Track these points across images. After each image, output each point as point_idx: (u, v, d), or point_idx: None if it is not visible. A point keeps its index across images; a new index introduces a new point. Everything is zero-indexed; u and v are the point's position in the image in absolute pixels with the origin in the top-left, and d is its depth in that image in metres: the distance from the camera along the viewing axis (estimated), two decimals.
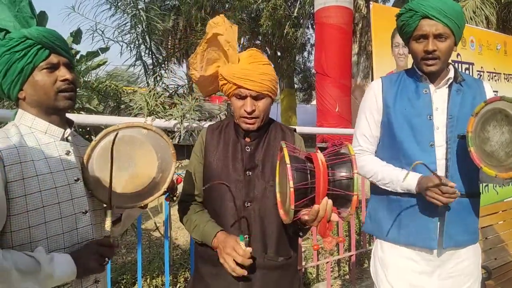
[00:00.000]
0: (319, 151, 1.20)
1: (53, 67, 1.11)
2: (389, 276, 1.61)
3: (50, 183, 1.08)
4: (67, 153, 1.16)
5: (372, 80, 5.01)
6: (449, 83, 1.56)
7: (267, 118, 1.44)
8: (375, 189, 1.67)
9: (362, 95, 1.75)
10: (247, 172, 1.39)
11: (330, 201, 1.12)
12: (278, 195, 1.27)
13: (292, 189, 1.07)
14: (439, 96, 1.56)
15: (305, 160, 1.18)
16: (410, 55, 1.63)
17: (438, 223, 1.52)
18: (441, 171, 1.51)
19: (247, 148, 1.42)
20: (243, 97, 1.35)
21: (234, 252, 1.25)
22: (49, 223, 1.07)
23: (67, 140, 1.19)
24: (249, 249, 1.26)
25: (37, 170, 1.05)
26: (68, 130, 1.19)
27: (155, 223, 3.59)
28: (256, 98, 1.35)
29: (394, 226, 1.60)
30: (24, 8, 1.12)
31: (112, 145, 1.07)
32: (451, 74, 1.56)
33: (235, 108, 1.39)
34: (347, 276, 3.66)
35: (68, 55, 1.16)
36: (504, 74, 3.85)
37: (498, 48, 3.81)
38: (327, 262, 3.19)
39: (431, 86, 1.57)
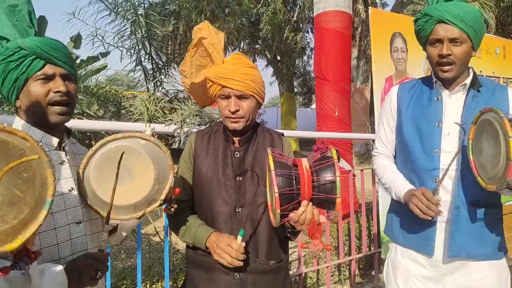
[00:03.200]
0: (304, 158, 1.24)
1: (47, 78, 1.09)
2: (398, 279, 1.64)
3: None
4: (62, 162, 1.14)
5: (371, 84, 5.01)
6: (466, 88, 1.53)
7: (253, 120, 1.46)
8: None
9: (361, 99, 1.78)
10: (238, 178, 1.41)
11: (310, 204, 1.16)
12: (268, 199, 1.31)
13: (276, 195, 1.12)
14: (453, 102, 1.53)
15: (291, 166, 1.21)
16: (408, 60, 1.63)
17: (439, 231, 1.50)
18: (449, 179, 1.48)
19: (237, 154, 1.44)
20: (227, 97, 1.38)
21: (229, 247, 1.27)
22: (42, 233, 1.05)
23: (63, 149, 1.17)
24: (243, 244, 1.28)
25: None
26: (66, 140, 1.18)
27: (155, 228, 3.58)
28: (240, 97, 1.38)
29: (400, 229, 1.63)
30: (24, 17, 1.11)
31: (118, 165, 1.08)
32: (469, 79, 1.52)
33: (220, 108, 1.42)
34: (348, 281, 3.65)
35: (67, 66, 1.13)
36: (503, 78, 3.86)
37: (497, 52, 3.82)
38: (327, 267, 3.18)
39: (445, 92, 1.54)
